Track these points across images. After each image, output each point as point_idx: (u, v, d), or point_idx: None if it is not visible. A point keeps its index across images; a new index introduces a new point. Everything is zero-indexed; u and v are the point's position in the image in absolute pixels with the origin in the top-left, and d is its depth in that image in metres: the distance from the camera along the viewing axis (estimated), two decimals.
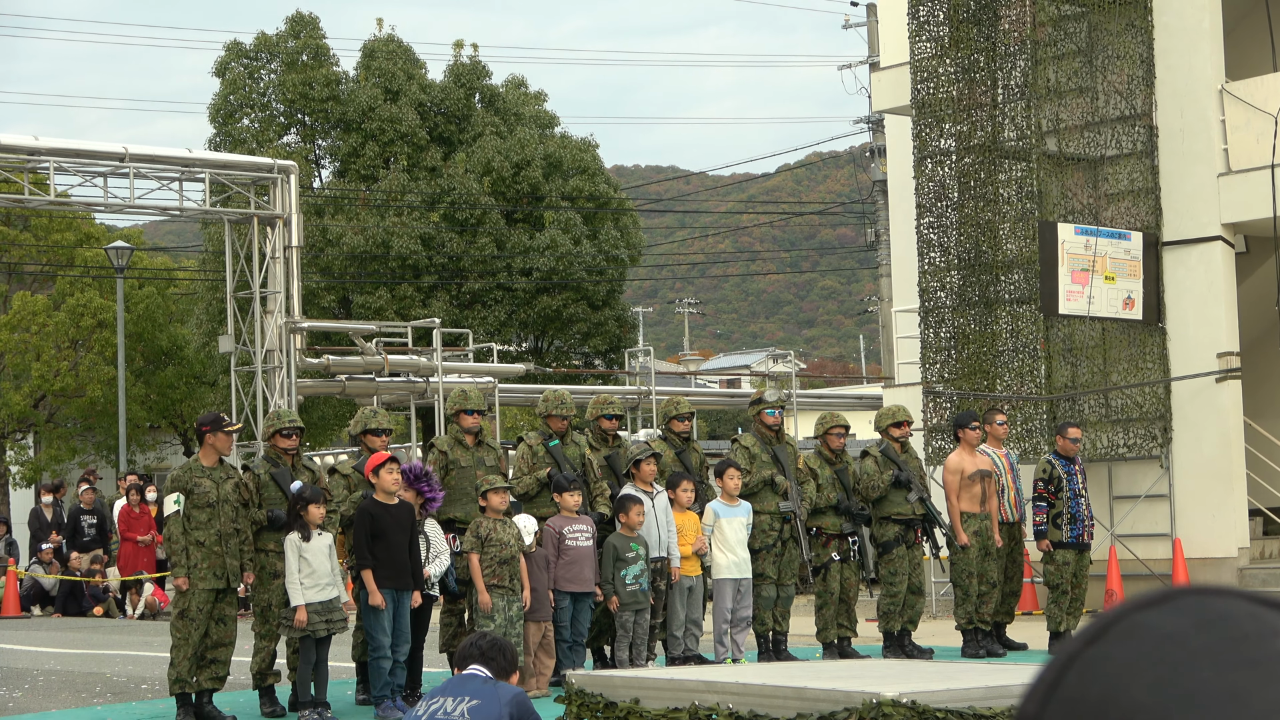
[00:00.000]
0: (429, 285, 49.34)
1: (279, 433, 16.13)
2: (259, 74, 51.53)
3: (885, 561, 18.92)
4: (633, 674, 8.75)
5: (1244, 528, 24.41)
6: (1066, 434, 19.66)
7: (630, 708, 8.24)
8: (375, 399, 36.00)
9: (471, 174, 49.98)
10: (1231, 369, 24.20)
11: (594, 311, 50.99)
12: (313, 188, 50.70)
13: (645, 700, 8.21)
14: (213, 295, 46.67)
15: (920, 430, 23.80)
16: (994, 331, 24.45)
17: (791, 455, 18.86)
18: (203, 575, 15.38)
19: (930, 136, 24.89)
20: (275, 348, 33.03)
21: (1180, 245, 24.54)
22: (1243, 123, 24.40)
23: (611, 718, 8.33)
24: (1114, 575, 23.67)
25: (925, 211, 24.91)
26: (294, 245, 33.00)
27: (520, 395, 39.61)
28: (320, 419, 49.15)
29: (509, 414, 51.67)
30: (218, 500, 15.49)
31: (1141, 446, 24.46)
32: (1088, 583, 19.60)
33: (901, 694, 6.98)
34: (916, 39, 25.09)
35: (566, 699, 8.75)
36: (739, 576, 17.92)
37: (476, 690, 8.82)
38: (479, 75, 52.78)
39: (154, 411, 50.79)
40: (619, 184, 59.15)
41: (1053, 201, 24.12)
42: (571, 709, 8.65)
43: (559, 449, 17.52)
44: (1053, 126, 24.40)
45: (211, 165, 32.92)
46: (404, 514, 15.43)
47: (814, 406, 43.31)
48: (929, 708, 6.98)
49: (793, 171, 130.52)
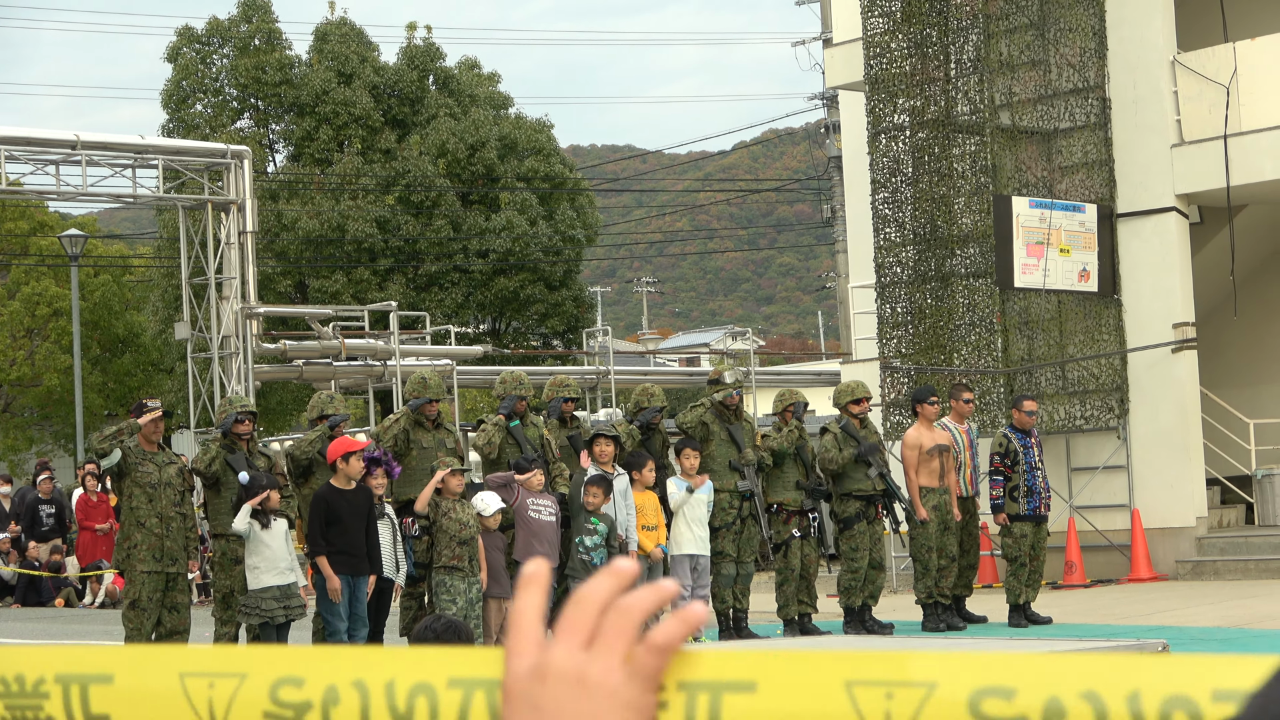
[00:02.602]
0: (385, 268, 49.20)
1: (234, 419, 16.08)
2: (211, 59, 51.26)
3: (846, 537, 18.93)
4: None
5: (1202, 497, 24.49)
6: (1022, 407, 19.68)
7: None
8: (333, 383, 35.89)
9: (426, 156, 49.82)
10: (1187, 339, 24.27)
11: (551, 292, 50.90)
12: (267, 172, 50.49)
13: None
14: (168, 282, 46.46)
15: (878, 405, 23.82)
16: (950, 306, 24.47)
17: (749, 433, 18.87)
18: (142, 558, 15.33)
19: (884, 112, 24.88)
20: (232, 334, 32.92)
21: (1134, 217, 24.59)
22: (1195, 93, 24.45)
23: None
24: (1073, 547, 23.74)
25: (880, 187, 24.91)
26: (249, 230, 32.87)
27: (478, 377, 39.51)
28: (278, 404, 49.01)
29: (468, 396, 51.57)
30: (159, 484, 15.44)
31: (1098, 418, 24.52)
32: (1046, 555, 19.64)
33: None
34: (869, 14, 25.07)
35: None
36: (696, 552, 17.93)
37: None
38: (432, 57, 52.59)
39: (111, 399, 50.59)
40: (575, 164, 59.05)
41: (1007, 175, 24.15)
42: None
43: (519, 430, 17.50)
44: (1006, 100, 24.42)
45: (164, 152, 32.76)
46: (361, 499, 15.38)
47: (772, 384, 43.30)
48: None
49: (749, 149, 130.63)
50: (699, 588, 18.04)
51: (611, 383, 40.58)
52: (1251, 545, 24.03)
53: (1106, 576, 23.91)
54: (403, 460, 16.75)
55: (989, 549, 22.51)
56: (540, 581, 1.67)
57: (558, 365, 48.19)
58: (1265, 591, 21.22)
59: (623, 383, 40.71)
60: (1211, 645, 15.70)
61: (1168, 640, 8.36)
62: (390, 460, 16.09)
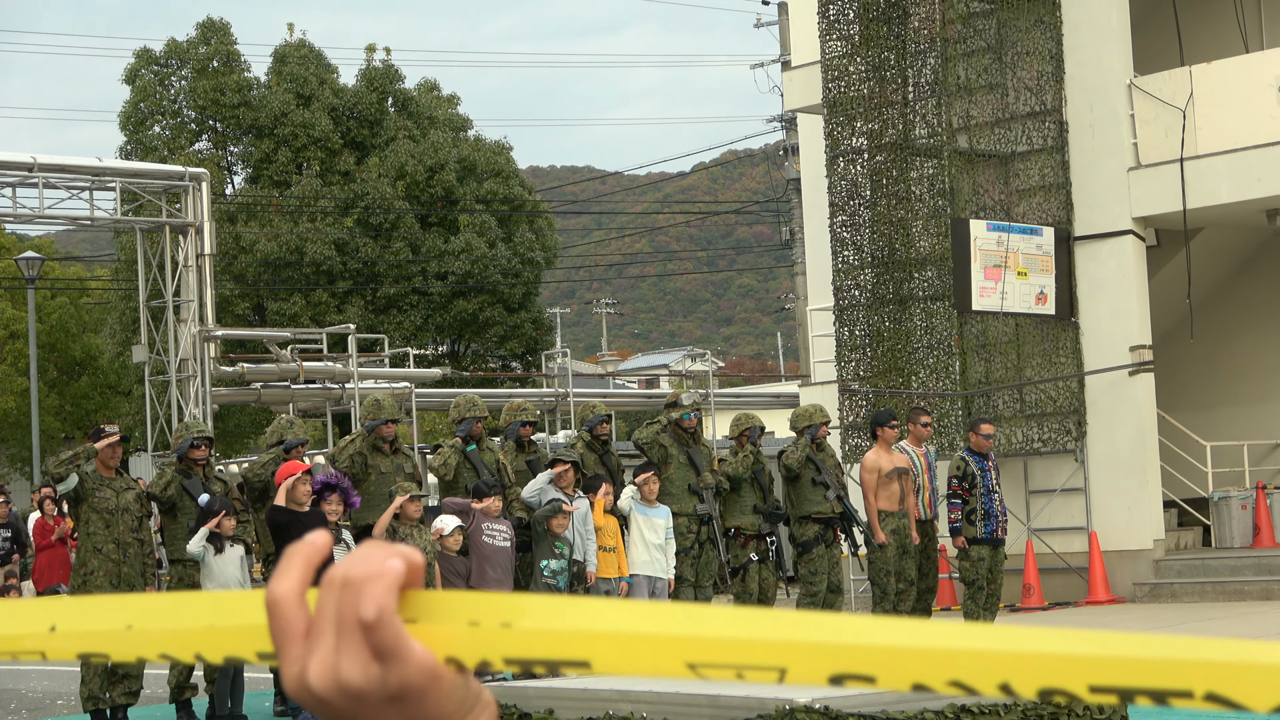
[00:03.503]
0: (344, 291, 49.14)
1: (190, 444, 16.02)
2: (169, 81, 51.20)
3: (805, 561, 18.93)
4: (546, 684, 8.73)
5: (1159, 519, 24.55)
6: (979, 430, 19.71)
7: (544, 718, 8.20)
8: (291, 406, 35.81)
9: (385, 178, 49.81)
10: (1144, 362, 24.34)
11: (510, 314, 50.90)
12: (225, 195, 50.41)
13: (560, 710, 8.17)
14: (126, 304, 46.33)
15: (837, 429, 23.84)
16: (908, 329, 24.50)
17: (707, 457, 18.87)
18: (99, 584, 15.26)
19: (842, 135, 24.92)
20: (189, 356, 32.83)
21: (1092, 240, 24.66)
22: (1152, 117, 24.54)
23: None
24: (1031, 569, 23.76)
25: (838, 210, 24.94)
26: (207, 253, 32.80)
27: (437, 400, 39.47)
28: (236, 427, 48.89)
29: (427, 418, 51.49)
30: (116, 509, 15.37)
31: (1056, 440, 24.57)
32: (1003, 578, 19.67)
33: (814, 699, 6.97)
34: (827, 38, 25.11)
35: None
36: (654, 575, 17.92)
37: None
38: (391, 79, 52.61)
39: (68, 422, 50.41)
40: (534, 186, 59.06)
41: (964, 198, 24.20)
42: None
43: (475, 454, 17.47)
44: (964, 123, 24.48)
45: (122, 174, 32.67)
46: (316, 523, 15.30)
47: (731, 406, 43.33)
48: (842, 712, 6.97)
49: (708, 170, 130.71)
50: None
51: (571, 405, 40.56)
52: (1208, 568, 24.09)
53: (1064, 599, 23.94)
54: (361, 485, 16.70)
55: (947, 572, 22.53)
56: (302, 555, 1.32)
57: (517, 387, 48.19)
58: (1222, 614, 21.27)
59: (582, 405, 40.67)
60: None
61: None
62: (349, 488, 16.03)
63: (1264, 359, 28.50)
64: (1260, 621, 20.02)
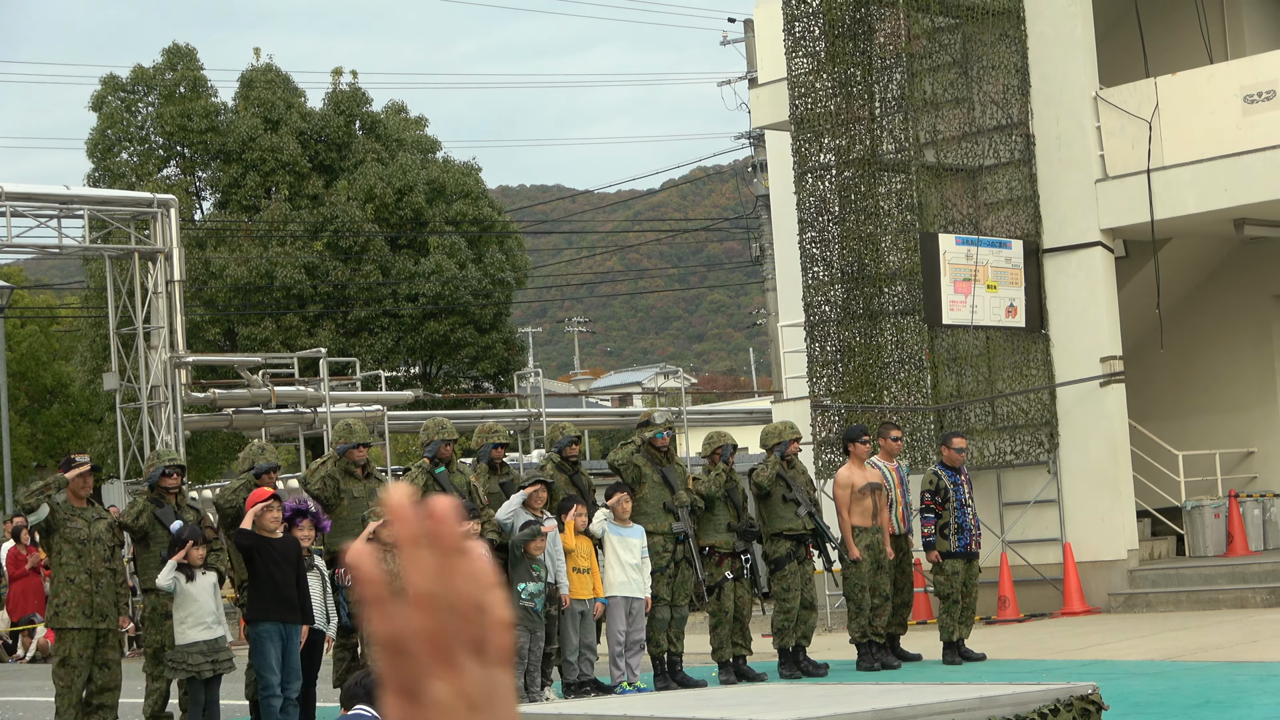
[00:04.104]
0: (314, 314, 49.07)
1: (161, 473, 15.98)
2: (136, 107, 51.13)
3: (778, 578, 18.92)
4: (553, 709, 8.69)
5: (1132, 530, 24.59)
6: (951, 444, 19.73)
7: None
8: (263, 431, 35.76)
9: (354, 201, 49.77)
10: (1115, 373, 24.39)
11: (481, 335, 50.87)
12: (194, 220, 50.33)
13: None
14: (96, 332, 46.24)
15: (809, 444, 23.85)
16: (879, 344, 24.52)
17: (681, 475, 18.86)
18: (72, 614, 15.20)
19: (810, 151, 24.94)
20: (160, 383, 32.76)
21: (1060, 252, 24.72)
22: (1118, 128, 24.60)
23: None
24: (1006, 582, 23.79)
25: (807, 226, 24.96)
26: (176, 279, 32.74)
27: (410, 422, 39.41)
28: (209, 453, 48.79)
29: (400, 440, 51.43)
30: (88, 539, 15.32)
31: (1028, 453, 24.61)
32: (978, 591, 19.67)
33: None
34: (793, 55, 25.14)
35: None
36: (631, 595, 17.90)
37: None
38: (359, 102, 52.59)
39: (40, 451, 50.27)
40: (503, 206, 59.08)
41: (933, 212, 24.24)
42: None
43: (445, 476, 17.46)
44: (931, 138, 24.53)
45: (90, 202, 32.61)
46: (289, 548, 15.27)
47: (704, 423, 43.33)
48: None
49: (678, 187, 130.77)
50: (635, 631, 18.02)
51: (544, 424, 40.51)
52: (1182, 577, 24.13)
53: (1040, 611, 23.97)
54: (334, 510, 16.68)
55: (922, 586, 22.54)
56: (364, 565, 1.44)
57: (490, 408, 48.14)
58: (1196, 623, 21.31)
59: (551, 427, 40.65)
60: (1145, 680, 15.76)
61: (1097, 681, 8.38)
62: (321, 516, 16.01)
63: (1234, 368, 28.58)
64: (1234, 630, 20.05)
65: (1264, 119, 23.59)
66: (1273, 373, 28.47)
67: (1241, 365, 28.55)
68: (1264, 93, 23.70)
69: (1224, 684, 15.07)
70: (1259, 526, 26.72)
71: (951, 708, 7.52)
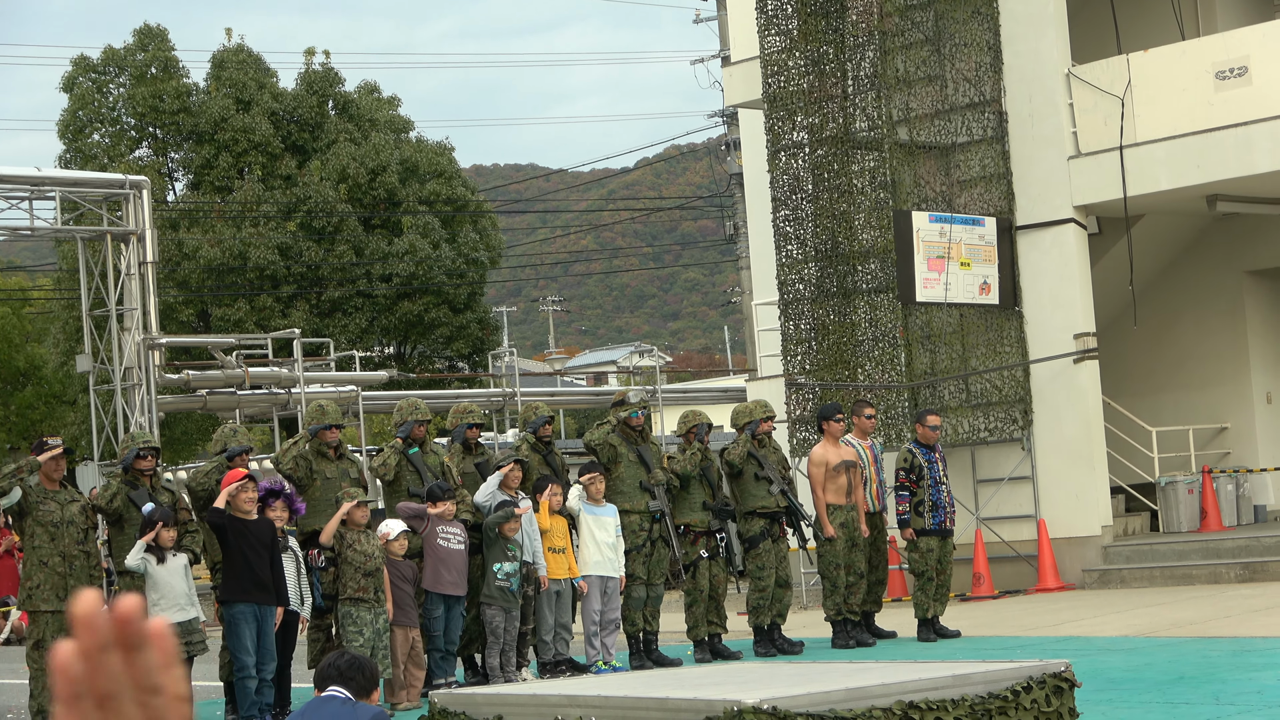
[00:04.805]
0: (288, 295, 48.98)
1: (135, 455, 15.95)
2: (108, 88, 50.93)
3: (752, 556, 18.94)
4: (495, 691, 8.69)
5: (1106, 506, 24.66)
6: (926, 422, 19.74)
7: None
8: (237, 412, 35.72)
9: (327, 182, 49.66)
10: (1088, 350, 24.43)
11: (456, 315, 50.81)
12: (166, 201, 50.17)
13: (509, 717, 8.16)
14: (69, 314, 46.12)
15: (783, 422, 23.88)
16: (853, 321, 24.56)
17: (656, 454, 18.87)
18: (45, 597, 15.18)
19: (783, 129, 24.96)
20: (134, 365, 32.67)
21: (1033, 229, 24.75)
22: (1091, 105, 24.63)
23: None
24: (980, 558, 23.85)
25: (781, 204, 24.98)
26: (149, 261, 32.64)
27: (384, 403, 39.38)
28: (183, 434, 48.69)
29: (375, 421, 51.40)
30: (62, 522, 15.30)
31: (1002, 430, 24.66)
32: (952, 568, 19.70)
33: (762, 700, 6.97)
34: (766, 33, 25.15)
35: (430, 717, 8.68)
36: (606, 574, 17.92)
37: (335, 712, 8.72)
38: (331, 82, 52.46)
39: (13, 433, 50.16)
40: (476, 186, 58.99)
41: (906, 190, 24.27)
42: None
43: (418, 457, 17.46)
44: (903, 116, 24.55)
45: (62, 183, 32.49)
46: (264, 530, 15.26)
47: (680, 402, 43.37)
48: (790, 713, 6.98)
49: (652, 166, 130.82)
50: (610, 611, 18.04)
51: (518, 404, 40.52)
52: (1156, 553, 24.20)
53: (1014, 587, 24.02)
54: (306, 491, 16.67)
55: (897, 563, 22.57)
56: None
57: (464, 388, 48.12)
58: (1170, 599, 21.37)
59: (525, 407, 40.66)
60: (1118, 655, 15.80)
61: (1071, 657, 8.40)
62: (295, 498, 15.99)
63: (1207, 344, 28.66)
64: (1208, 605, 20.12)
65: (1236, 95, 23.63)
66: (1245, 349, 28.55)
67: (1215, 341, 28.63)
68: (1236, 69, 23.73)
69: (1197, 659, 15.12)
70: (1232, 502, 26.80)
71: (925, 685, 7.54)
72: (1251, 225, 27.75)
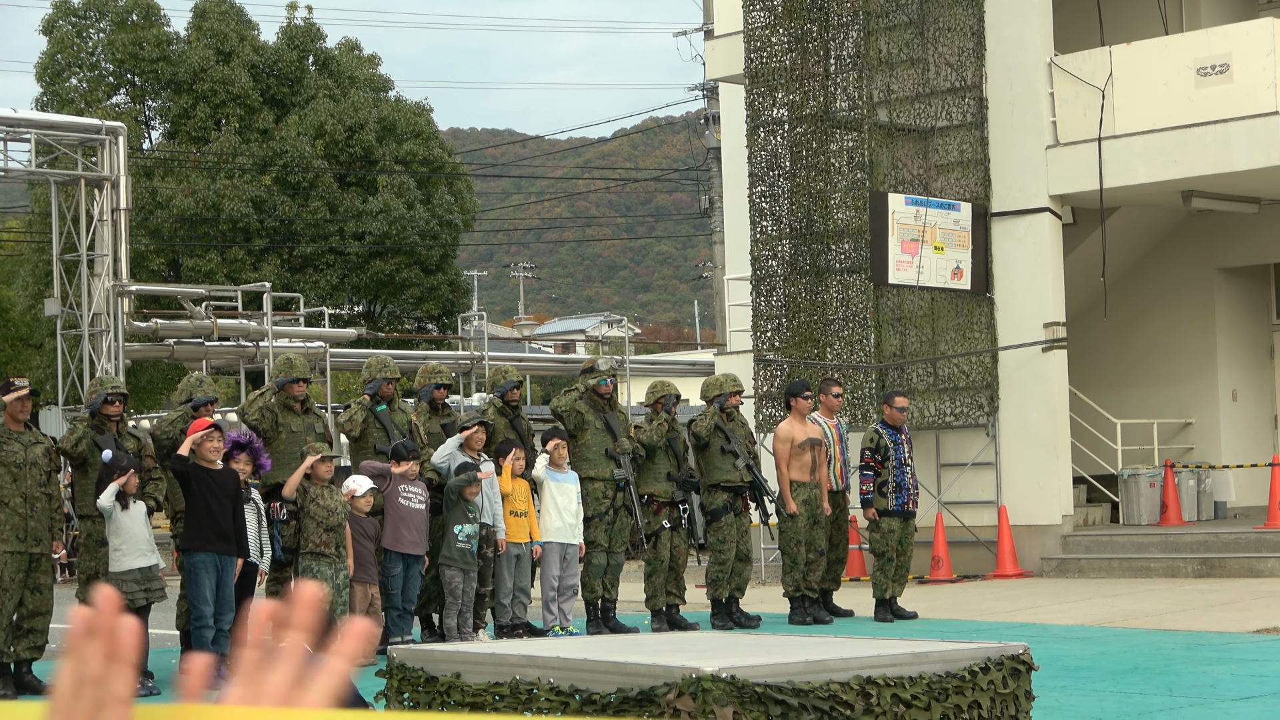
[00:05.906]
0: (260, 249, 48.87)
1: (103, 399, 15.91)
2: (88, 33, 50.71)
3: (714, 529, 18.97)
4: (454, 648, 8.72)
5: (1068, 495, 24.74)
6: (893, 403, 19.79)
7: (451, 682, 8.20)
8: (205, 364, 35.66)
9: (304, 137, 49.53)
10: (1057, 339, 24.50)
11: (427, 276, 50.76)
12: (142, 149, 49.99)
13: (466, 675, 8.17)
14: (39, 257, 45.96)
15: (751, 398, 23.91)
16: (824, 300, 24.59)
17: (623, 423, 18.89)
18: (5, 538, 15.14)
19: (763, 106, 24.96)
20: (103, 311, 32.61)
21: (1009, 216, 24.80)
22: (1071, 95, 24.67)
23: (433, 692, 8.28)
24: (940, 542, 23.91)
25: (757, 180, 24.99)
26: (122, 208, 32.55)
27: (352, 360, 39.35)
28: (149, 383, 48.59)
29: (341, 378, 51.35)
30: (25, 463, 15.26)
31: (968, 415, 24.72)
32: (912, 550, 19.76)
33: (721, 669, 6.99)
34: (750, 8, 25.14)
35: (388, 673, 8.69)
36: (566, 541, 17.95)
37: None
38: (312, 38, 52.30)
39: None
40: (454, 148, 58.92)
41: (883, 172, 24.29)
42: (392, 683, 8.59)
43: (386, 415, 17.46)
44: (884, 97, 24.56)
45: (37, 126, 32.38)
46: (227, 480, 15.23)
47: (647, 373, 43.37)
48: (748, 682, 7.00)
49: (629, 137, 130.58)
50: (569, 577, 18.07)
51: (486, 368, 40.50)
52: (1116, 544, 24.30)
53: (973, 572, 24.10)
54: (271, 444, 16.64)
55: (857, 543, 22.64)
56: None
57: (432, 349, 48.10)
58: (1128, 590, 21.47)
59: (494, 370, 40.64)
60: (1074, 644, 15.87)
61: (1028, 643, 8.43)
62: (260, 449, 15.96)
63: (1176, 339, 28.75)
64: (1165, 598, 20.21)
65: (1216, 92, 23.68)
66: (1213, 346, 28.65)
67: (1183, 337, 28.72)
68: (1217, 66, 23.78)
69: (1152, 651, 15.19)
70: (1193, 497, 26.90)
71: (883, 662, 7.56)
72: (1225, 223, 27.83)
